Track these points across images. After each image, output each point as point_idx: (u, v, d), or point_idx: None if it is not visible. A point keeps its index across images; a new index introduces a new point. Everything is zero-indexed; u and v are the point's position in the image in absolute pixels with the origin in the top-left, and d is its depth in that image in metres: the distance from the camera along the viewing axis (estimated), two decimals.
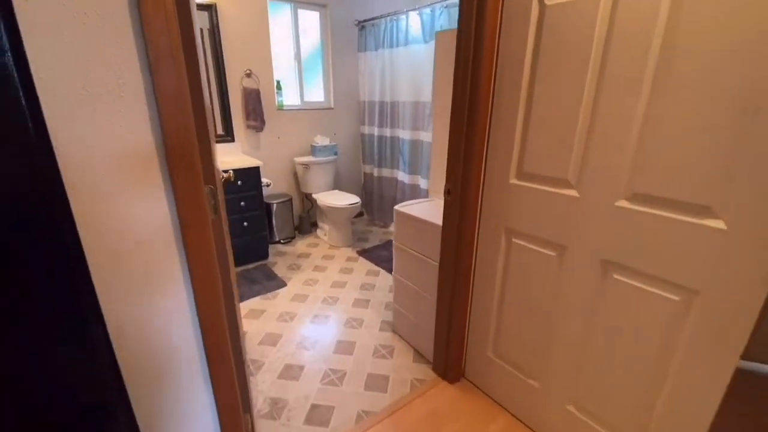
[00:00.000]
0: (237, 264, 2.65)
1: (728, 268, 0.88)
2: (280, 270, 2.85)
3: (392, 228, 3.55)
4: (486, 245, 1.47)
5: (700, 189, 0.89)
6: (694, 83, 0.87)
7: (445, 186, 1.47)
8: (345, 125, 3.70)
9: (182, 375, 0.90)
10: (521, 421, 1.50)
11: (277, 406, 1.57)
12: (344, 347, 1.96)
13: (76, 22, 0.64)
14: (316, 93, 3.54)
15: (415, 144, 3.07)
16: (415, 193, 3.12)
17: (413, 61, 2.91)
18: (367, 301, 2.41)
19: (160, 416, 0.90)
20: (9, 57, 0.58)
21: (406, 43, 2.94)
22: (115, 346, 0.79)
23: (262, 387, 1.68)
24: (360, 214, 3.96)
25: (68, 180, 0.67)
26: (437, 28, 2.63)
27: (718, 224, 0.88)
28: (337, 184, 3.61)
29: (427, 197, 2.02)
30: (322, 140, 3.41)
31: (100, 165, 0.70)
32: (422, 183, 3.05)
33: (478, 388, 1.67)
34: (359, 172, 3.87)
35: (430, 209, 1.76)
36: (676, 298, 0.98)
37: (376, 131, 3.46)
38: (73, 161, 0.67)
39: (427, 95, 2.84)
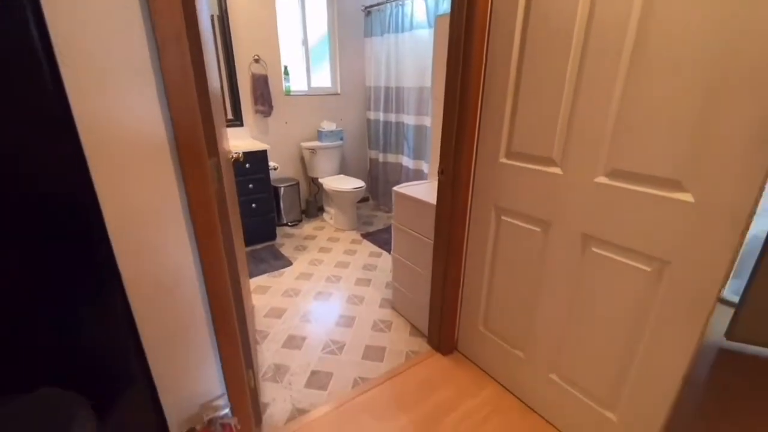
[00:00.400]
0: (246, 244, 2.76)
1: (696, 238, 0.93)
2: (286, 250, 2.96)
3: None
4: (477, 223, 1.54)
5: (671, 165, 0.94)
6: (666, 65, 0.91)
7: (439, 166, 1.53)
8: (351, 111, 3.75)
9: (190, 326, 1.01)
10: (508, 390, 1.58)
11: (279, 371, 1.69)
12: (345, 321, 2.07)
13: (94, 10, 0.72)
14: (323, 78, 3.60)
15: (420, 129, 3.11)
16: (419, 178, 3.17)
17: (418, 46, 2.94)
18: (369, 280, 2.51)
19: (172, 364, 1.01)
20: (38, 44, 0.67)
21: (411, 28, 2.96)
22: (130, 298, 0.89)
23: (267, 355, 1.80)
24: (365, 199, 4.04)
25: (89, 152, 0.76)
26: (441, 12, 2.65)
27: (687, 197, 0.93)
28: (343, 169, 3.68)
29: (428, 180, 2.08)
30: (328, 125, 3.47)
31: (115, 137, 0.79)
32: (425, 167, 3.11)
33: (469, 359, 1.76)
34: (365, 158, 3.94)
35: (427, 190, 1.82)
36: (648, 268, 1.04)
37: (381, 116, 3.51)
38: (91, 134, 0.76)
39: (429, 80, 2.87)
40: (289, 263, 2.75)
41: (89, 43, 0.73)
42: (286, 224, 3.47)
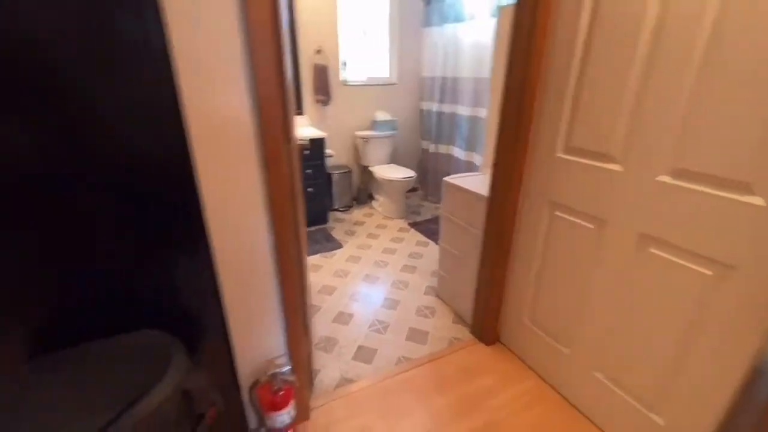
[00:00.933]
0: None
1: (766, 244, 0.89)
2: (337, 234, 3.12)
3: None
4: (528, 217, 1.55)
5: (741, 166, 0.90)
6: (743, 63, 0.87)
7: (494, 158, 1.55)
8: (406, 101, 3.80)
9: (261, 291, 1.15)
10: (550, 384, 1.59)
11: (329, 343, 1.83)
12: (390, 303, 2.17)
13: (201, 13, 0.84)
14: (380, 68, 3.67)
15: (474, 121, 3.10)
16: (470, 169, 3.17)
17: (477, 36, 2.91)
18: (415, 267, 2.58)
19: (245, 322, 1.16)
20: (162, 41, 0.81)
21: (472, 18, 2.93)
22: (216, 263, 1.04)
23: (319, 327, 1.95)
24: (414, 189, 4.10)
25: (193, 137, 0.91)
26: (503, 2, 2.60)
27: (758, 201, 0.89)
28: (394, 159, 3.76)
29: (480, 173, 2.10)
30: (382, 115, 3.56)
31: (213, 125, 0.92)
32: (477, 160, 3.09)
33: (511, 351, 1.78)
34: (417, 148, 3.98)
35: (478, 182, 1.85)
36: (709, 272, 1.01)
37: (435, 107, 3.53)
38: (195, 122, 0.90)
39: (488, 71, 2.84)
40: (339, 246, 2.90)
41: (197, 42, 0.86)
42: (337, 209, 3.63)
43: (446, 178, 1.91)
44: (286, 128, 1.06)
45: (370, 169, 3.54)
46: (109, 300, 0.96)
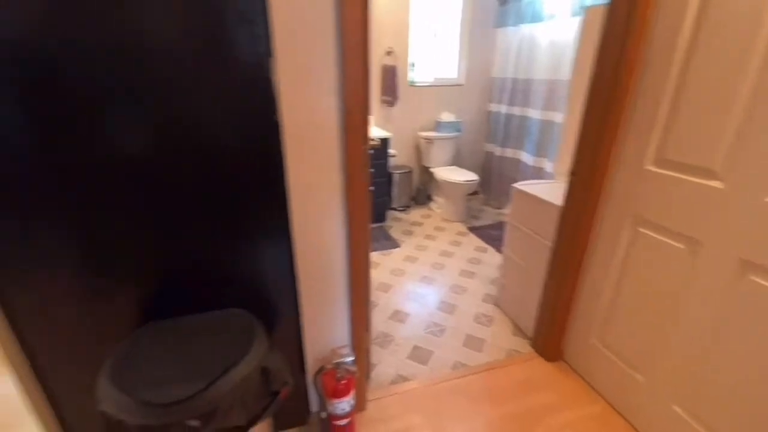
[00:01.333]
0: None
1: None
2: (395, 233, 3.16)
3: (507, 210, 3.54)
4: (606, 231, 1.45)
5: None
6: None
7: (572, 167, 1.48)
8: (472, 102, 3.73)
9: (332, 283, 1.22)
10: (618, 412, 1.49)
11: (386, 339, 1.87)
12: (446, 307, 2.16)
13: (301, 24, 0.91)
14: (447, 69, 3.64)
15: (546, 125, 2.96)
16: (538, 176, 3.04)
17: (555, 37, 2.77)
18: (473, 273, 2.54)
19: (316, 310, 1.23)
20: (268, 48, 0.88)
21: (551, 17, 2.80)
22: (295, 253, 1.12)
23: (375, 323, 2.00)
24: (475, 193, 4.02)
25: (287, 131, 0.98)
26: (588, 2, 2.45)
27: None
28: (457, 161, 3.72)
29: (552, 180, 2.01)
30: (447, 116, 3.53)
31: (304, 122, 0.99)
32: (548, 166, 2.95)
33: (575, 371, 1.69)
34: (480, 151, 3.90)
35: (549, 190, 1.77)
36: None
37: (504, 109, 3.42)
38: (289, 119, 0.97)
39: (565, 74, 2.70)
40: (396, 245, 2.94)
41: (297, 50, 0.93)
42: (396, 208, 3.67)
43: (516, 185, 1.86)
44: (365, 130, 1.10)
45: (432, 170, 3.53)
46: (205, 279, 1.07)
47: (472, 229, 3.25)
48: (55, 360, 1.03)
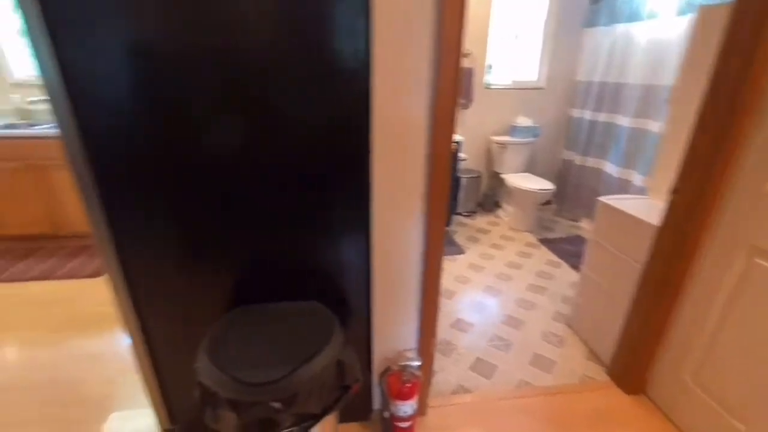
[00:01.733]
0: None
1: None
2: (459, 239, 3.10)
3: (583, 223, 3.31)
4: (714, 259, 1.29)
5: None
6: None
7: (675, 183, 1.33)
8: (552, 106, 3.52)
9: (404, 286, 1.23)
10: None
11: (448, 347, 1.85)
12: (513, 322, 2.07)
13: (401, 32, 0.93)
14: (527, 72, 3.48)
15: (637, 133, 2.70)
16: (623, 189, 2.79)
17: (655, 37, 2.51)
18: (543, 288, 2.41)
19: (387, 311, 1.25)
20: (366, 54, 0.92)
21: (651, 16, 2.55)
22: (372, 255, 1.15)
23: (438, 329, 1.98)
24: (548, 203, 3.79)
25: (376, 133, 1.02)
26: (696, 0, 2.18)
27: None
28: (531, 167, 3.54)
29: (641, 195, 1.83)
30: (524, 121, 3.38)
31: (392, 127, 1.02)
32: (636, 179, 2.69)
33: (659, 408, 1.52)
34: (557, 158, 3.67)
35: (642, 207, 1.61)
36: None
37: (588, 115, 3.19)
38: (379, 120, 1.00)
39: (665, 78, 2.43)
40: (461, 251, 2.88)
41: (393, 57, 0.95)
42: (461, 214, 3.60)
43: (602, 198, 1.72)
44: (452, 131, 1.09)
45: (502, 176, 3.40)
46: (288, 270, 1.15)
47: (544, 241, 3.08)
48: (160, 327, 1.17)
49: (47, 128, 2.60)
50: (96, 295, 2.25)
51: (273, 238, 1.11)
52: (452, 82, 0.99)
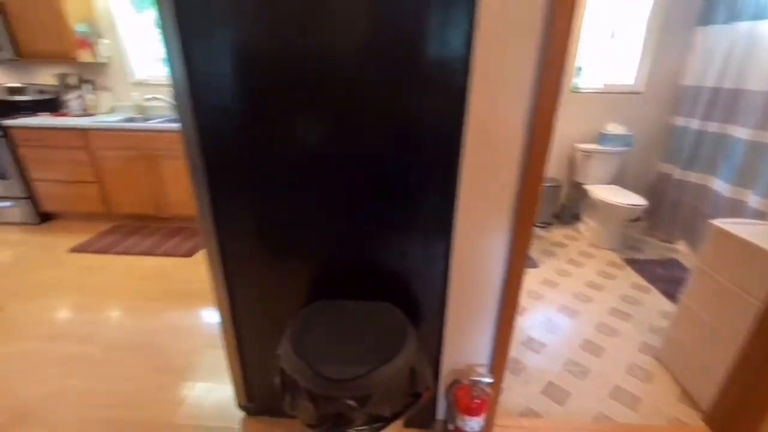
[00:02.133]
0: None
1: None
2: (532, 252, 2.93)
3: (680, 245, 2.93)
4: None
5: None
6: None
7: None
8: (650, 113, 3.17)
9: (482, 298, 1.19)
10: None
11: (517, 366, 1.75)
12: (591, 348, 1.90)
13: (505, 32, 0.89)
14: (622, 75, 3.17)
15: (758, 147, 2.32)
16: (735, 210, 2.42)
17: None
18: (628, 315, 2.17)
19: (461, 321, 1.22)
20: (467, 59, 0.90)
21: None
22: (451, 264, 1.13)
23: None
24: (637, 219, 3.43)
25: (469, 135, 0.99)
26: None
27: None
28: (619, 179, 3.23)
29: (758, 220, 1.56)
30: (615, 128, 3.08)
31: (487, 128, 0.98)
32: (752, 200, 2.32)
33: None
34: (651, 171, 3.29)
35: (766, 235, 1.38)
36: None
37: (695, 124, 2.81)
38: (474, 122, 0.97)
39: None
40: (534, 265, 2.72)
41: (495, 59, 0.92)
42: (536, 224, 3.40)
43: (717, 222, 1.50)
44: (551, 135, 1.02)
45: (585, 187, 3.14)
46: (368, 269, 1.17)
47: (630, 262, 2.78)
48: (246, 308, 1.26)
49: (160, 122, 2.95)
50: (188, 272, 2.51)
51: (356, 237, 1.13)
52: (555, 87, 0.92)
